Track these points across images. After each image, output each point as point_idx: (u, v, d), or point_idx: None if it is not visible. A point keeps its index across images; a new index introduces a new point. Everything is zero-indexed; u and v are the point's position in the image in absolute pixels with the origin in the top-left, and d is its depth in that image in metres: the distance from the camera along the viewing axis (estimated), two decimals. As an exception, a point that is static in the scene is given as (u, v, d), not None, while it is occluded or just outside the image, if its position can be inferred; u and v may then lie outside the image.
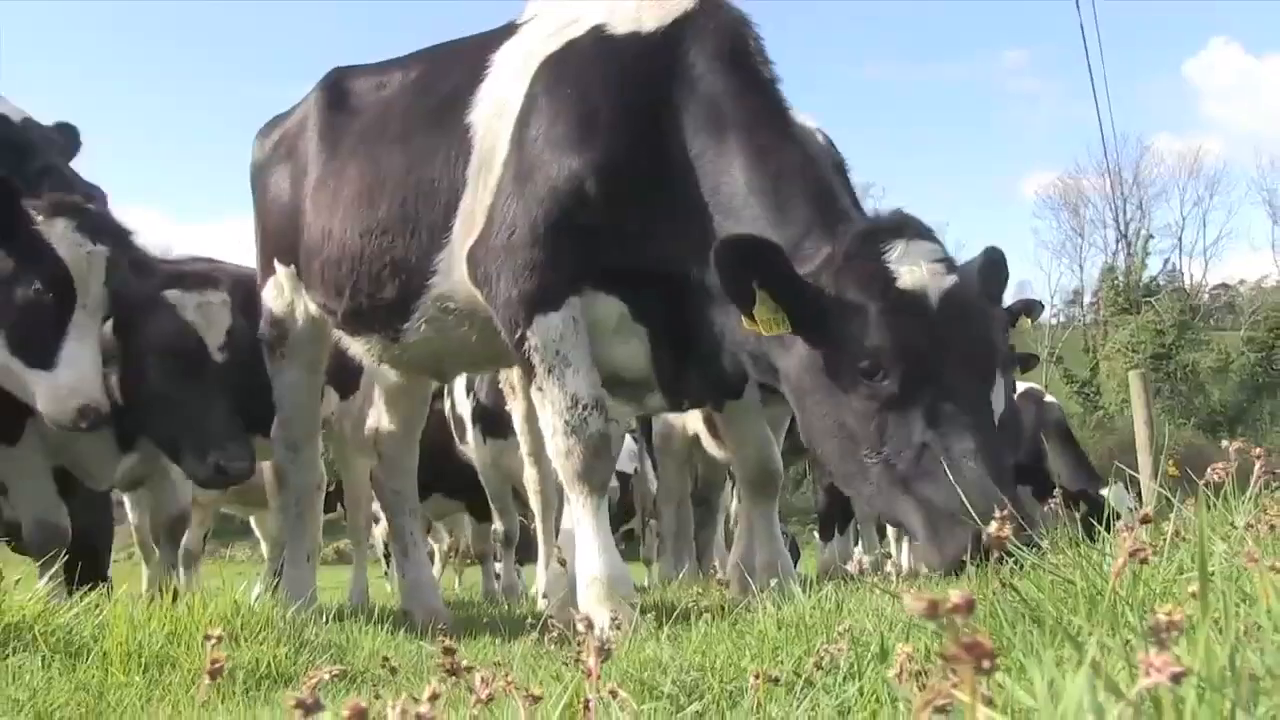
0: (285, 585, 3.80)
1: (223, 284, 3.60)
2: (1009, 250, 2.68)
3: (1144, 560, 1.13)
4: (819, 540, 8.01)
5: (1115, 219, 40.53)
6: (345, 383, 4.90)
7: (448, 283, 2.99)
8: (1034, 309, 4.11)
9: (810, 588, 2.00)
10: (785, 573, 3.17)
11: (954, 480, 2.09)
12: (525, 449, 4.73)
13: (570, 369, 2.65)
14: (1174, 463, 1.86)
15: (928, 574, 2.16)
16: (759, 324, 2.33)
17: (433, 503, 6.72)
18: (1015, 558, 1.40)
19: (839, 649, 1.35)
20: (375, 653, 2.62)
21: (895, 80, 69.90)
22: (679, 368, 2.77)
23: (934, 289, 2.24)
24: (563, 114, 2.70)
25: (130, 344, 3.47)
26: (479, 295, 2.88)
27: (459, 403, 6.26)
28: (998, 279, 2.59)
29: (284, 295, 3.75)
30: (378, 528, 8.12)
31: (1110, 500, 3.88)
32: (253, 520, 7.26)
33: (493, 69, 3.02)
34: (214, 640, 1.40)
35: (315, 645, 2.60)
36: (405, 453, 4.15)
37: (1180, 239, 42.05)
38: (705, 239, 2.51)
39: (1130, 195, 40.05)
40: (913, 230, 2.32)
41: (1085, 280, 43.21)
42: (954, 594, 0.61)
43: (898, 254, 2.25)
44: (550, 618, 2.51)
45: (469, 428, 6.04)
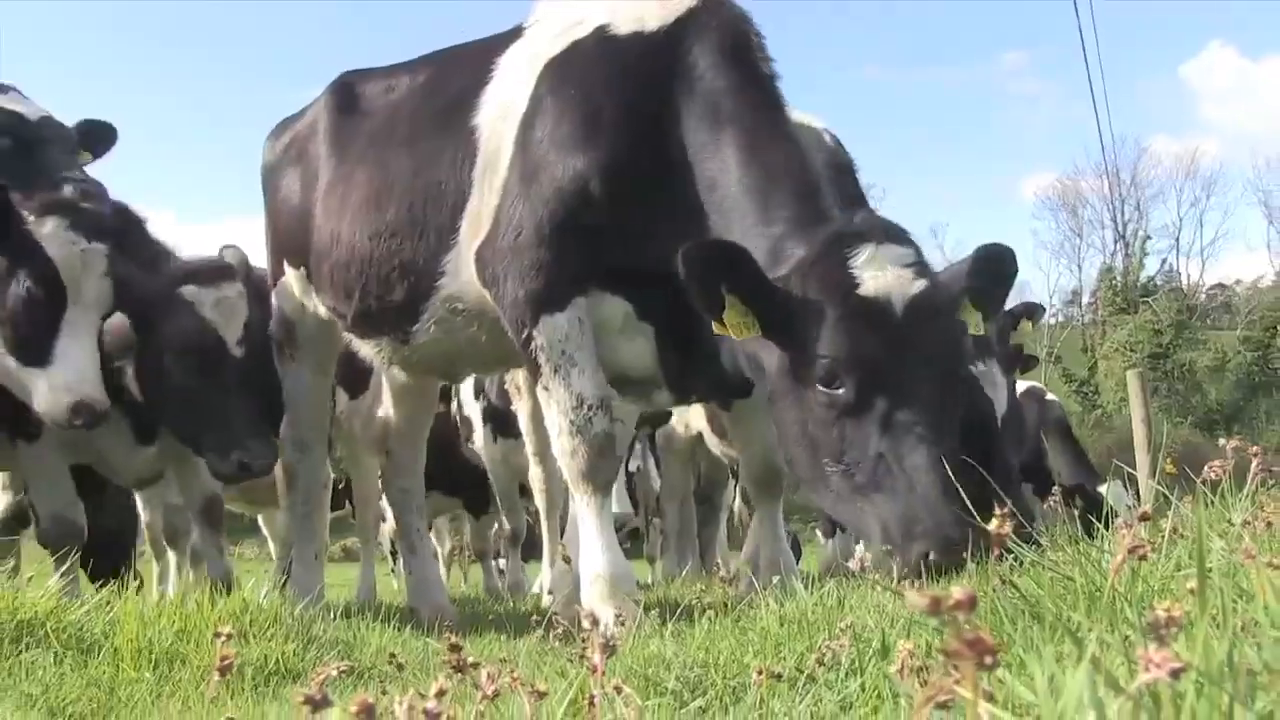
0: (293, 583, 3.83)
1: (238, 275, 3.54)
2: None
3: (1143, 557, 1.14)
4: (821, 538, 8.02)
5: (1113, 220, 40.91)
6: (354, 383, 4.92)
7: (456, 284, 3.01)
8: (1035, 312, 4.09)
9: (812, 585, 2.01)
10: (788, 570, 3.18)
11: (907, 493, 2.08)
12: (530, 448, 4.76)
13: (576, 369, 2.67)
14: (1171, 461, 1.86)
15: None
16: (728, 328, 2.32)
17: (431, 500, 6.77)
18: (1015, 555, 1.41)
19: (841, 645, 1.37)
20: (382, 649, 2.64)
21: (896, 82, 70.07)
22: (685, 365, 2.78)
23: (898, 295, 2.20)
24: (567, 115, 2.71)
25: (149, 341, 3.44)
26: (487, 296, 2.90)
27: (466, 403, 6.30)
28: (997, 276, 2.48)
29: (294, 297, 3.78)
30: (384, 525, 8.18)
31: (1109, 498, 3.88)
32: (260, 518, 7.31)
33: (498, 71, 3.03)
34: (224, 637, 1.42)
35: (323, 642, 2.62)
36: (413, 452, 4.19)
37: (1177, 240, 42.50)
38: (705, 236, 2.51)
39: (1128, 196, 40.46)
40: (881, 234, 2.28)
41: (1084, 280, 43.49)
42: (956, 591, 0.61)
43: (864, 259, 2.22)
44: (555, 615, 2.53)
45: (478, 428, 6.09)
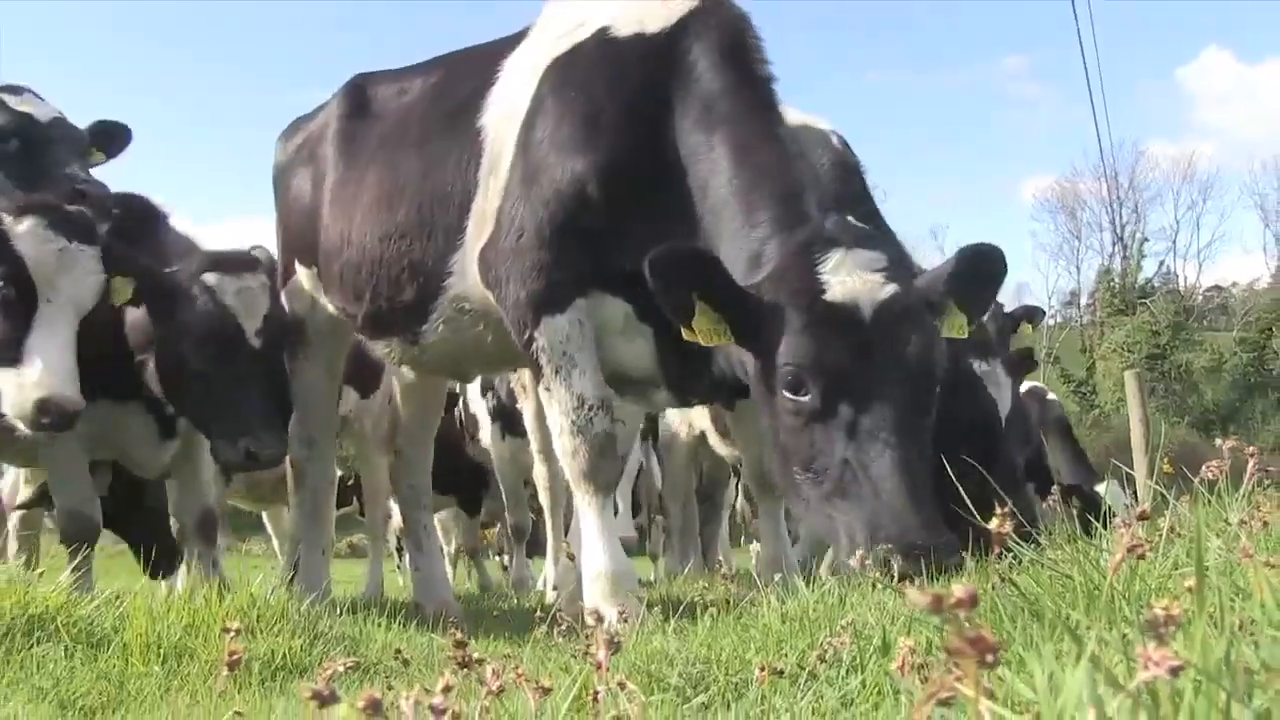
0: (300, 579, 3.86)
1: (262, 267, 3.52)
2: (1008, 253, 2.42)
3: (1141, 556, 1.15)
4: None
5: (1111, 222, 41.42)
6: (365, 381, 4.95)
7: (463, 284, 3.03)
8: (1035, 315, 4.07)
9: (813, 582, 2.02)
10: (789, 568, 3.20)
11: (871, 500, 2.08)
12: (535, 445, 4.79)
13: (576, 370, 2.68)
14: (1168, 461, 1.86)
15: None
16: (698, 334, 2.32)
17: None
18: (1014, 553, 1.42)
19: (842, 642, 1.37)
20: (388, 645, 2.66)
21: (897, 85, 70.22)
22: (684, 365, 2.79)
23: (867, 300, 2.18)
24: (567, 117, 2.72)
25: (168, 329, 3.42)
26: (490, 297, 2.92)
27: (473, 402, 6.35)
28: (983, 276, 2.43)
29: (304, 296, 3.82)
30: (390, 522, 8.22)
31: (1107, 498, 3.87)
32: (265, 516, 7.34)
33: (504, 73, 3.05)
34: (232, 633, 1.44)
35: (329, 638, 2.64)
36: (421, 450, 4.25)
37: (1174, 242, 42.98)
38: (700, 237, 2.52)
39: (1126, 199, 41.02)
40: (851, 239, 2.26)
41: (1082, 282, 44.01)
42: (957, 589, 0.62)
43: (832, 264, 2.20)
44: (559, 611, 2.55)
45: (485, 425, 6.14)
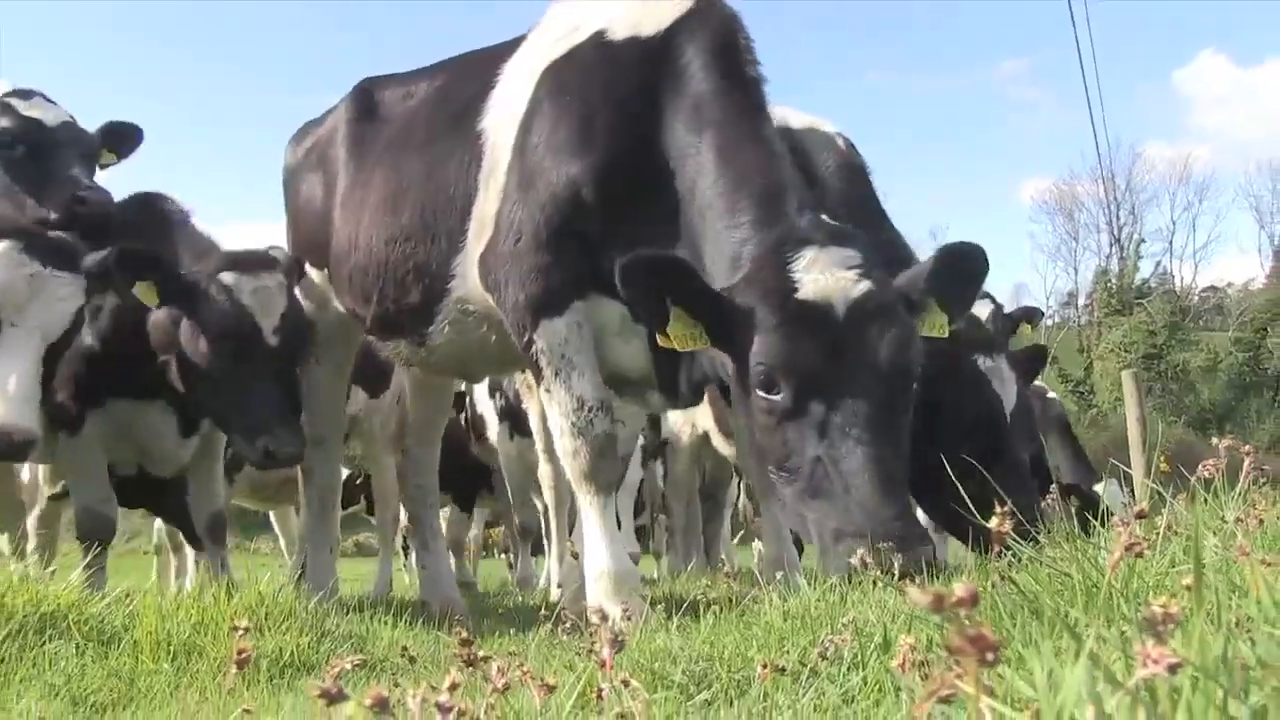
0: (308, 577, 3.89)
1: (280, 267, 3.52)
2: (1006, 253, 2.51)
3: (1139, 554, 1.16)
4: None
5: (1109, 224, 41.91)
6: (374, 382, 4.98)
7: (465, 287, 3.05)
8: (1034, 317, 4.08)
9: (815, 581, 2.03)
10: (791, 566, 3.21)
11: (842, 497, 2.09)
12: (540, 445, 4.82)
13: (575, 372, 2.69)
14: (1165, 459, 1.87)
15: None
16: (673, 340, 2.32)
17: None
18: (1014, 551, 1.43)
19: (843, 640, 1.38)
20: (394, 642, 2.67)
21: (897, 87, 70.28)
22: (677, 366, 2.80)
23: (839, 298, 2.17)
24: (563, 121, 2.73)
25: (187, 327, 3.43)
26: (491, 300, 2.93)
27: (480, 402, 6.39)
28: (964, 274, 2.40)
29: (314, 297, 3.86)
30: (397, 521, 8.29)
31: (1105, 496, 3.87)
32: (272, 515, 7.39)
33: (503, 76, 3.07)
34: (241, 630, 1.46)
35: (336, 635, 2.67)
36: (428, 450, 4.28)
37: (1171, 243, 43.42)
38: (689, 238, 2.53)
39: (1123, 201, 41.58)
40: (825, 237, 2.25)
41: (1080, 283, 44.39)
42: (958, 588, 0.62)
43: (805, 263, 2.20)
44: (563, 609, 2.57)
45: (492, 425, 6.18)
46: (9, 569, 2.81)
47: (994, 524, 1.22)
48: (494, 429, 6.15)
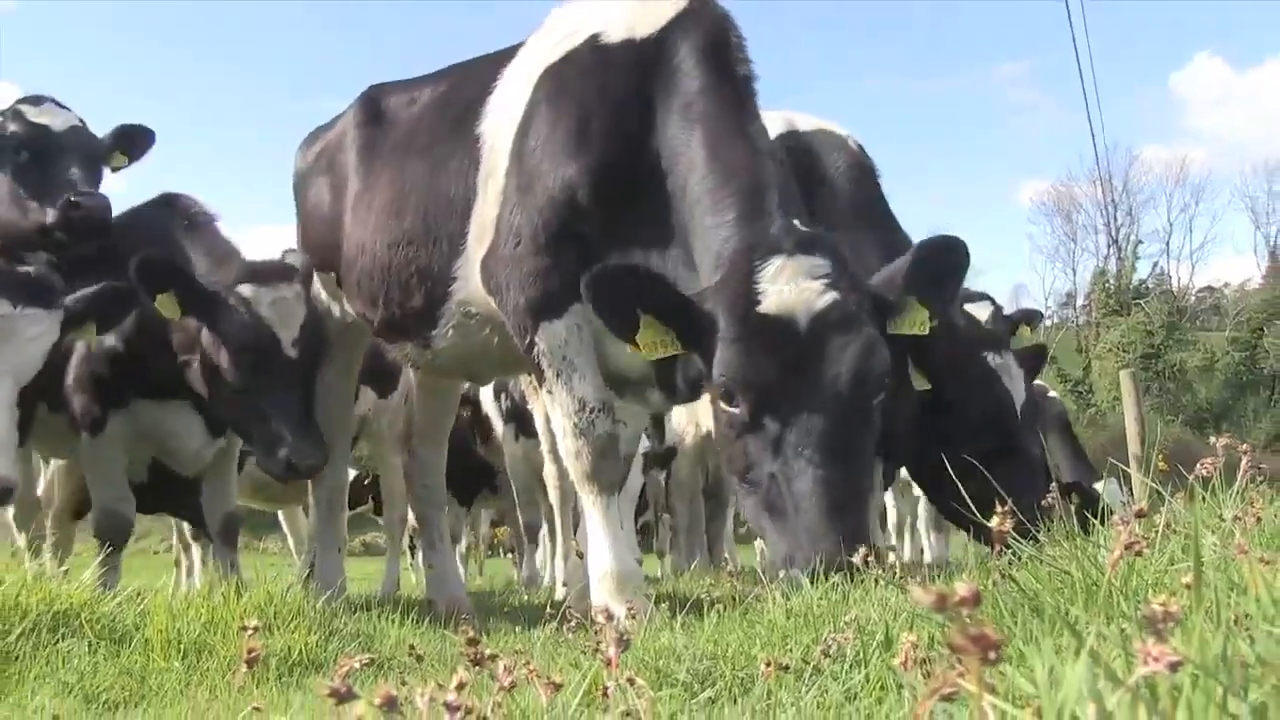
0: (316, 577, 3.93)
1: (297, 277, 3.52)
2: (1005, 254, 2.48)
3: (1138, 553, 1.17)
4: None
5: (1106, 225, 41.96)
6: (382, 382, 5.01)
7: (467, 289, 3.07)
8: (1034, 318, 4.08)
9: (817, 579, 2.04)
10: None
11: (793, 519, 2.10)
12: (545, 445, 4.84)
13: (576, 374, 2.70)
14: (1163, 458, 1.87)
15: (934, 566, 2.18)
16: (641, 348, 2.33)
17: None
18: (1014, 550, 1.44)
19: (846, 638, 1.39)
20: (402, 641, 2.69)
21: (896, 89, 70.36)
22: (674, 364, 2.80)
23: (803, 310, 2.15)
24: (560, 124, 2.73)
25: (208, 337, 3.43)
26: (493, 303, 2.95)
27: (486, 403, 6.43)
28: (943, 268, 2.35)
29: (323, 301, 3.88)
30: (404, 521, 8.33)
31: (1103, 495, 3.88)
32: (280, 515, 7.44)
33: (502, 80, 3.08)
34: (250, 629, 1.47)
35: (344, 634, 2.69)
36: (436, 450, 4.29)
37: (1168, 244, 43.54)
38: (680, 237, 2.54)
39: (1120, 202, 41.61)
40: (794, 245, 2.22)
41: (1078, 283, 44.51)
42: (960, 587, 0.63)
43: (771, 272, 2.17)
44: (569, 608, 2.58)
45: (498, 426, 6.21)
46: (23, 568, 2.84)
47: (994, 523, 1.23)
48: (499, 430, 6.19)
